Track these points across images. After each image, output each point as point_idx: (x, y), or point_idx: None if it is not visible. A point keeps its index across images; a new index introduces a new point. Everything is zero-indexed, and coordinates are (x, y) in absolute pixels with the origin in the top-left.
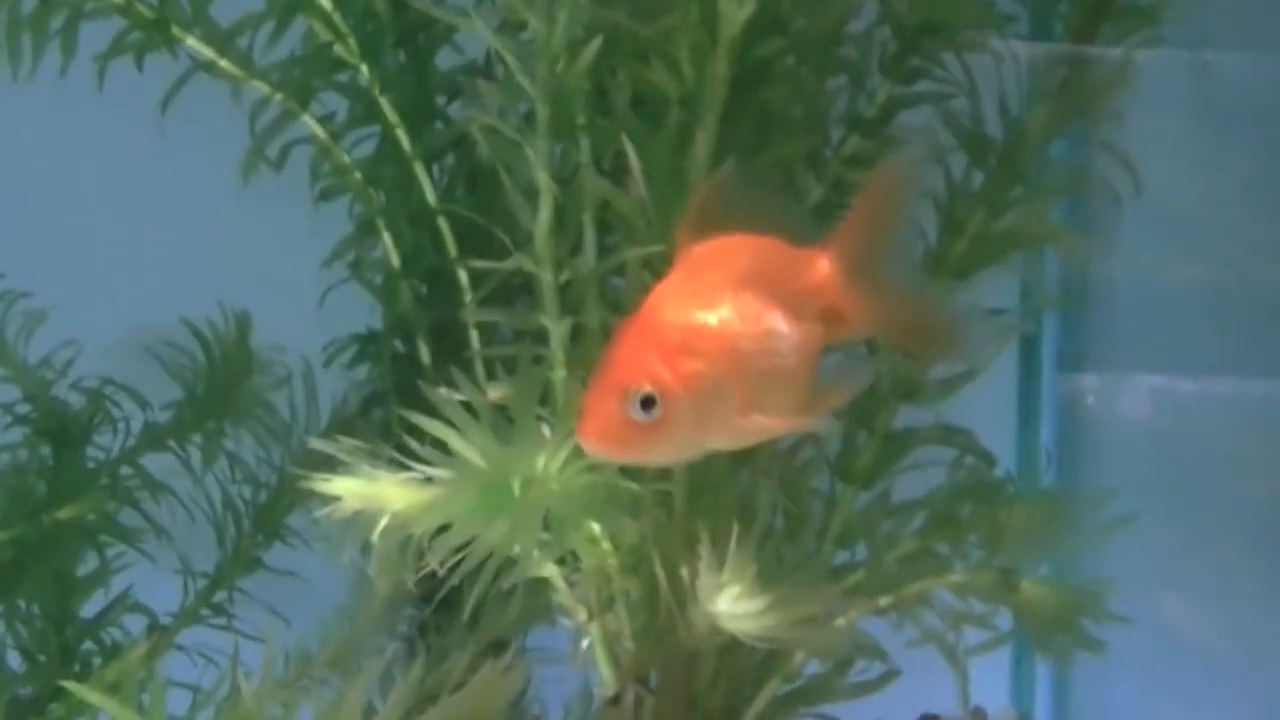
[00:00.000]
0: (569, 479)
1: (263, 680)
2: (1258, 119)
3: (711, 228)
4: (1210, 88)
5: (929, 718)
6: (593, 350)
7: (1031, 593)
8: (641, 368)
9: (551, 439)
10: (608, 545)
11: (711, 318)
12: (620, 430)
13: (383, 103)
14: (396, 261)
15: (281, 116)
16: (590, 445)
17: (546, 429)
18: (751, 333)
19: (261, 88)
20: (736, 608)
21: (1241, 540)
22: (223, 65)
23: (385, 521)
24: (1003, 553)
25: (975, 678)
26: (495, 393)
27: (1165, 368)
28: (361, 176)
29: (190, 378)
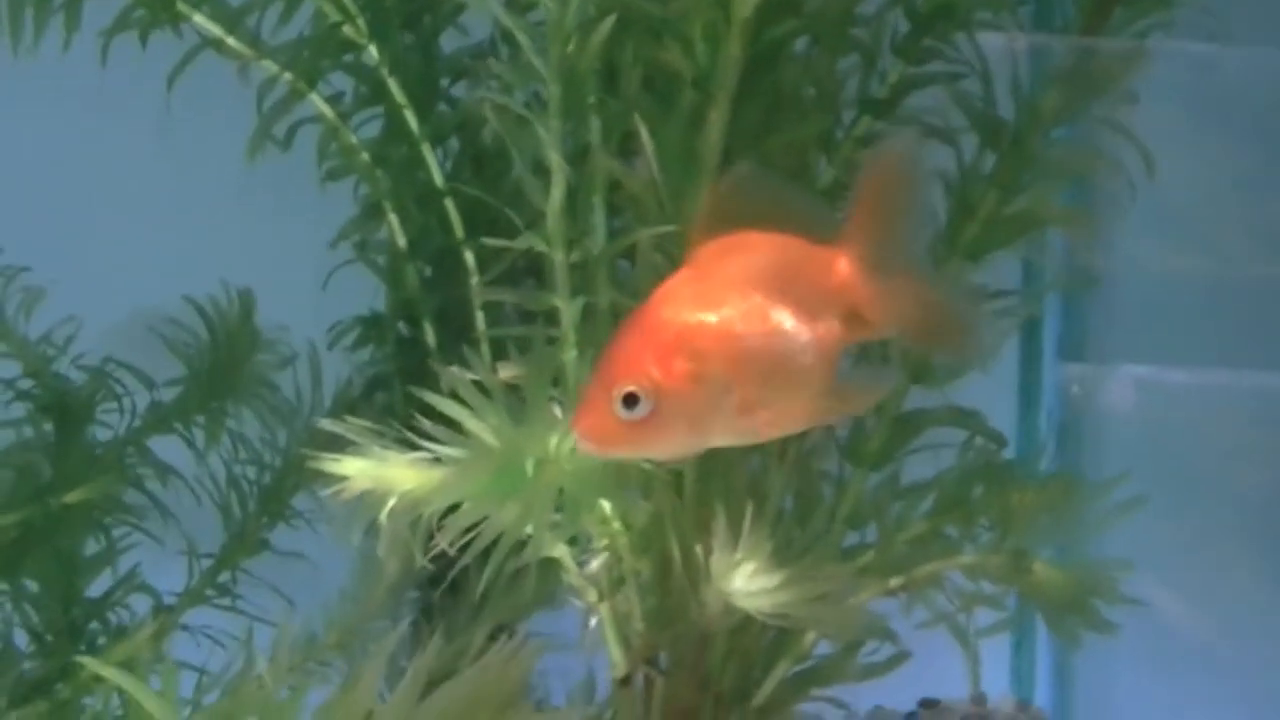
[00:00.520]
0: (582, 459)
1: (273, 663)
2: (1256, 112)
3: (726, 225)
4: (1207, 80)
5: (928, 702)
6: (602, 331)
7: (1044, 574)
8: (632, 367)
9: (563, 419)
10: (619, 525)
11: (712, 317)
12: (610, 428)
13: (391, 83)
14: (403, 243)
15: (289, 96)
16: (581, 442)
17: (558, 409)
18: (756, 332)
19: (270, 67)
20: (752, 585)
21: (1238, 529)
22: (230, 43)
23: (395, 502)
24: (1013, 535)
25: None
26: (507, 372)
27: (1162, 358)
28: (369, 157)
29: (194, 356)
